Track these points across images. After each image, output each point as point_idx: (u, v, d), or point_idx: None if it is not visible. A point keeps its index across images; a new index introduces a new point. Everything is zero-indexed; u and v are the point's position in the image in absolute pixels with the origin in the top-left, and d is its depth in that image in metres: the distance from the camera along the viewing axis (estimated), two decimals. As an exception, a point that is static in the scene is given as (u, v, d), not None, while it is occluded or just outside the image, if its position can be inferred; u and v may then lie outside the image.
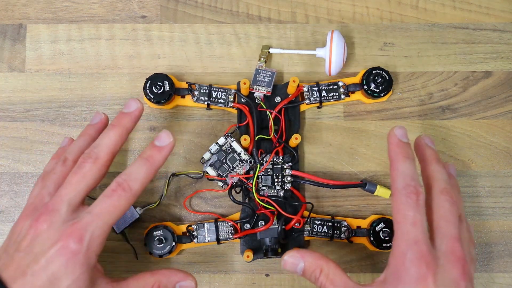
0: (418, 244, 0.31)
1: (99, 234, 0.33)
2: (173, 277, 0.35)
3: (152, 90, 0.44)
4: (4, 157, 0.45)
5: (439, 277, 0.30)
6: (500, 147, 0.46)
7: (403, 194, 0.32)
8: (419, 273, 0.30)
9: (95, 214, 0.33)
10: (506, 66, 0.47)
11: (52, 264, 0.31)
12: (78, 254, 0.32)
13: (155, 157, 0.35)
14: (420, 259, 0.31)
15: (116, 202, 0.33)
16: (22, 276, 0.31)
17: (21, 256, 0.32)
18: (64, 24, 0.47)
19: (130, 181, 0.34)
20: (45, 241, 0.32)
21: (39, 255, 0.32)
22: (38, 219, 0.33)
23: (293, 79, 0.43)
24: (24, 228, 0.34)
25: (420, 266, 0.31)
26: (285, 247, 0.43)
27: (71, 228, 0.32)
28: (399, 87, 0.47)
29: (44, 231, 0.33)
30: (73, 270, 0.31)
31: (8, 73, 0.47)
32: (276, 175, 0.43)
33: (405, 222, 0.32)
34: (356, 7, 0.48)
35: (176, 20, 0.47)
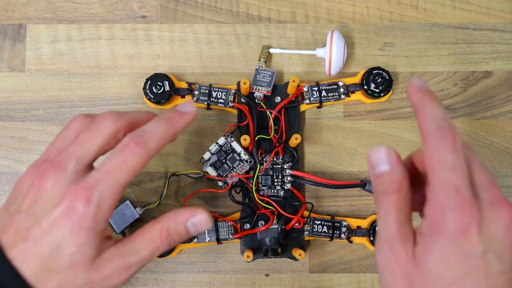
0: (460, 192, 0.26)
1: (109, 195, 0.29)
2: (180, 217, 0.31)
3: (152, 90, 0.44)
4: (4, 157, 0.45)
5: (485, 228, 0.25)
6: (500, 147, 0.46)
7: (437, 136, 0.26)
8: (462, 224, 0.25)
9: (104, 172, 0.29)
10: (506, 66, 0.47)
11: (56, 229, 0.28)
12: (85, 218, 0.28)
13: (175, 120, 0.32)
14: (464, 208, 0.25)
15: (129, 159, 0.29)
16: (22, 241, 0.28)
17: (22, 218, 0.29)
18: (64, 24, 0.47)
19: (146, 137, 0.30)
20: (48, 201, 0.29)
21: (42, 217, 0.28)
22: (41, 176, 0.29)
23: (293, 79, 0.43)
24: (27, 185, 0.30)
25: (464, 217, 0.25)
26: (285, 247, 0.43)
27: (78, 187, 0.28)
28: (399, 87, 0.47)
29: (47, 189, 0.29)
30: (79, 236, 0.28)
31: (8, 73, 0.47)
32: (276, 175, 0.43)
33: (442, 168, 0.26)
34: (356, 7, 0.48)
35: (176, 20, 0.47)
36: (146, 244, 0.30)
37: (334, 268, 0.45)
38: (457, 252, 0.25)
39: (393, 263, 0.27)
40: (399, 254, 0.26)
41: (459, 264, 0.25)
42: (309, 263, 0.45)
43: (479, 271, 0.25)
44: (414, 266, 0.26)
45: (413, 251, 0.26)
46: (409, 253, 0.26)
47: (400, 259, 0.26)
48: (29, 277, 0.28)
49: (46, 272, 0.28)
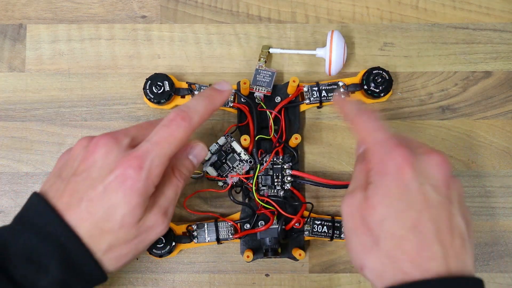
0: (389, 140, 0.31)
1: (158, 164, 0.32)
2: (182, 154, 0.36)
3: (152, 90, 0.44)
4: (4, 157, 0.45)
5: (418, 165, 0.30)
6: (500, 147, 0.46)
7: (355, 115, 0.33)
8: (397, 161, 0.30)
9: (154, 143, 0.32)
10: (506, 66, 0.47)
11: (110, 192, 0.31)
12: (138, 183, 0.31)
13: (214, 97, 0.35)
14: (395, 149, 0.31)
15: (175, 132, 0.32)
16: (77, 203, 0.31)
17: (77, 181, 0.32)
18: (64, 24, 0.47)
19: (190, 112, 0.33)
20: (103, 167, 0.31)
21: (97, 181, 0.31)
22: (97, 143, 0.32)
23: (293, 79, 0.43)
24: (81, 152, 0.33)
25: (398, 156, 0.30)
26: (285, 247, 0.43)
27: (130, 156, 0.31)
28: (399, 87, 0.47)
29: (102, 156, 0.32)
30: (131, 199, 0.31)
31: (8, 73, 0.47)
32: (276, 175, 0.43)
33: (369, 133, 0.32)
34: (356, 7, 0.48)
35: (176, 20, 0.47)
36: (167, 186, 0.34)
37: (334, 268, 0.45)
38: (398, 185, 0.30)
39: (351, 206, 0.32)
40: (356, 198, 0.32)
41: (401, 196, 0.30)
42: (309, 263, 0.45)
43: (420, 201, 0.29)
44: (366, 204, 0.31)
45: (366, 193, 0.31)
46: (363, 195, 0.31)
47: (356, 202, 0.31)
48: (84, 236, 0.31)
49: (100, 231, 0.31)
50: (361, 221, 0.31)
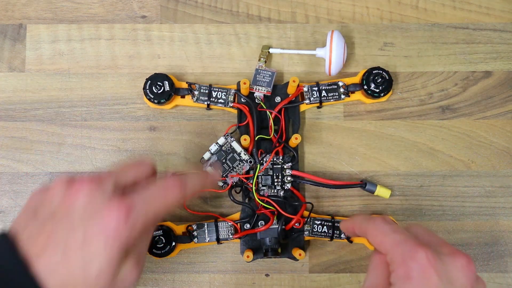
0: (408, 241, 0.31)
1: (144, 219, 0.30)
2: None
3: (152, 90, 0.44)
4: (4, 157, 0.45)
5: (443, 269, 0.30)
6: (500, 147, 0.46)
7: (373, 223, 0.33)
8: (422, 265, 0.30)
9: (145, 197, 0.31)
10: (506, 66, 0.47)
11: (91, 239, 0.28)
12: (122, 232, 0.28)
13: (206, 180, 0.37)
14: (417, 250, 0.30)
15: (169, 196, 0.32)
16: (53, 249, 0.28)
17: (56, 224, 0.29)
18: (64, 24, 0.47)
19: (187, 184, 0.33)
20: (86, 211, 0.29)
21: (77, 226, 0.28)
22: (81, 186, 0.29)
23: (293, 79, 0.43)
24: (61, 193, 0.30)
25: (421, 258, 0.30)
26: (285, 247, 0.43)
27: (119, 201, 0.29)
28: (399, 87, 0.47)
29: (85, 200, 0.29)
30: (111, 250, 0.28)
31: (8, 73, 0.47)
32: (276, 175, 0.43)
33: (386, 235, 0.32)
34: (356, 7, 0.48)
35: (176, 20, 0.47)
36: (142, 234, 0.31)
37: (334, 268, 0.45)
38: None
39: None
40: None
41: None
42: (309, 263, 0.45)
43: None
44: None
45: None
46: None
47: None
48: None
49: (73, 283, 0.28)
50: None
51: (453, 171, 0.46)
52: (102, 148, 0.45)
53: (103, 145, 0.46)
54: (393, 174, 0.45)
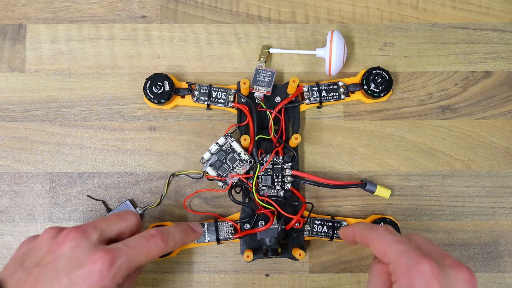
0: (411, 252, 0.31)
1: (127, 267, 0.32)
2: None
3: (152, 90, 0.44)
4: (4, 157, 0.45)
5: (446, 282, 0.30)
6: (500, 147, 0.46)
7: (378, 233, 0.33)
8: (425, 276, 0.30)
9: (129, 246, 0.33)
10: (506, 66, 0.47)
11: (75, 286, 0.30)
12: (105, 279, 0.31)
13: (189, 233, 0.39)
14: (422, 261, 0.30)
15: (152, 247, 0.34)
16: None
17: (42, 272, 0.30)
18: (64, 24, 0.47)
19: (168, 237, 0.35)
20: (71, 260, 0.31)
21: (62, 274, 0.30)
22: (67, 236, 0.32)
23: (293, 79, 0.43)
24: (48, 242, 0.32)
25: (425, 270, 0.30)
26: (285, 247, 0.43)
27: (103, 251, 0.31)
28: (399, 87, 0.47)
29: (70, 249, 0.31)
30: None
31: (8, 73, 0.47)
32: (276, 175, 0.43)
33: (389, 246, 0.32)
34: (356, 7, 0.48)
35: (176, 20, 0.47)
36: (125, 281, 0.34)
37: (334, 268, 0.45)
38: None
39: None
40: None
41: None
42: (309, 263, 0.45)
43: None
44: None
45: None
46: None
47: None
48: None
49: None
50: None
51: (453, 171, 0.46)
52: (102, 148, 0.45)
53: (103, 145, 0.46)
54: (393, 174, 0.45)
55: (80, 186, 0.45)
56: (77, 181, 0.45)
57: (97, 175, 0.45)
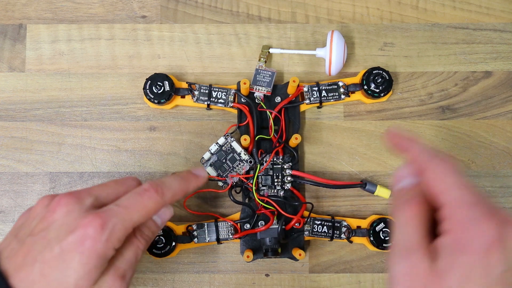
0: (479, 206, 0.26)
1: (121, 228, 0.30)
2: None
3: (152, 90, 0.44)
4: (4, 157, 0.45)
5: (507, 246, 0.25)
6: (500, 147, 0.46)
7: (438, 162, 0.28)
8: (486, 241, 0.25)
9: (122, 207, 0.31)
10: (506, 66, 0.47)
11: (67, 253, 0.29)
12: (97, 244, 0.29)
13: (190, 179, 0.36)
14: (487, 220, 0.25)
15: (146, 202, 0.32)
16: (31, 264, 0.29)
17: (34, 241, 0.30)
18: (64, 24, 0.47)
19: (163, 187, 0.33)
20: (62, 226, 0.30)
21: (54, 241, 0.29)
22: (58, 202, 0.31)
23: (293, 79, 0.43)
24: (41, 211, 0.31)
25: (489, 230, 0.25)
26: (285, 247, 0.43)
27: (94, 215, 0.30)
28: (399, 87, 0.47)
29: (62, 215, 0.30)
30: (88, 261, 0.29)
31: (8, 73, 0.47)
32: (276, 175, 0.43)
33: (454, 188, 0.27)
34: (356, 7, 0.48)
35: (176, 20, 0.47)
36: (127, 247, 0.32)
37: (334, 268, 0.45)
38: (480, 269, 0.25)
39: (413, 275, 0.26)
40: (420, 267, 0.26)
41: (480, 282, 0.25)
42: (309, 263, 0.45)
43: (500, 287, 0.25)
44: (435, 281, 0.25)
45: (435, 264, 0.26)
46: (430, 266, 0.26)
47: (421, 272, 0.26)
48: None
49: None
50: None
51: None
52: (102, 148, 0.45)
53: (103, 145, 0.46)
54: (393, 174, 0.45)
55: (80, 186, 0.45)
56: (77, 181, 0.45)
57: (97, 175, 0.45)
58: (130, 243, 0.32)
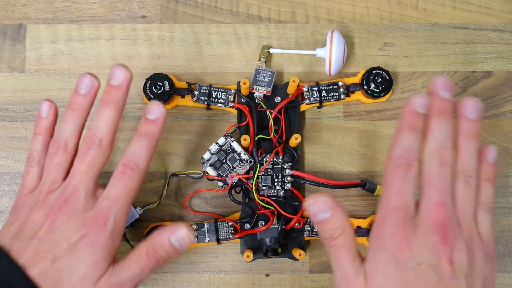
0: (397, 212, 0.31)
1: (121, 216, 0.33)
2: (164, 234, 0.33)
3: (152, 90, 0.44)
4: (4, 157, 0.45)
5: (416, 244, 0.30)
6: (500, 147, 0.46)
7: (394, 163, 0.31)
8: (396, 241, 0.30)
9: (113, 199, 0.33)
10: (506, 66, 0.47)
11: (75, 248, 0.32)
12: (102, 237, 0.32)
13: (152, 131, 0.35)
14: (397, 226, 0.30)
15: (129, 183, 0.34)
16: (42, 260, 0.31)
17: (40, 243, 0.32)
18: (64, 24, 0.47)
19: (135, 160, 0.34)
20: (66, 230, 0.32)
21: (61, 241, 0.32)
22: (59, 210, 0.33)
23: (293, 79, 0.43)
24: (39, 218, 0.33)
25: (397, 234, 0.30)
26: (285, 247, 0.43)
27: (94, 216, 0.33)
28: (399, 87, 0.47)
29: (64, 221, 0.32)
30: (96, 252, 0.32)
31: (8, 73, 0.47)
32: (276, 175, 0.43)
33: (389, 190, 0.31)
34: (356, 7, 0.48)
35: (176, 20, 0.47)
36: (135, 261, 0.33)
37: (334, 268, 0.44)
38: (395, 264, 0.30)
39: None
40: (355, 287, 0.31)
41: (398, 275, 0.30)
42: (309, 263, 0.45)
43: (417, 282, 0.29)
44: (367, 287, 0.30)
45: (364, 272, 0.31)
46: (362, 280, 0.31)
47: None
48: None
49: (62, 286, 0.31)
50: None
51: (453, 171, 0.45)
52: (102, 148, 0.45)
53: (103, 145, 0.45)
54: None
55: (80, 186, 0.45)
56: (77, 181, 0.45)
57: (97, 175, 0.45)
58: (139, 258, 0.33)
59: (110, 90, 0.35)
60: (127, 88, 0.35)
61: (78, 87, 0.36)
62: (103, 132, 0.34)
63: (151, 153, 0.35)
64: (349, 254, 0.31)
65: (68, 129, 0.36)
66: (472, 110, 0.33)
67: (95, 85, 0.36)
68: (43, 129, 0.37)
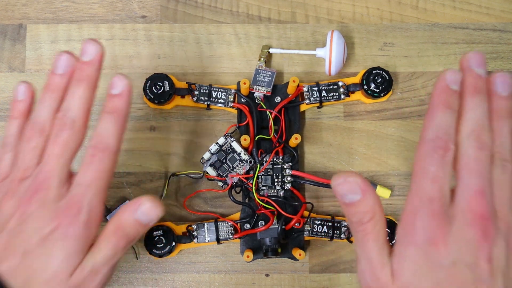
0: (432, 202, 0.27)
1: (96, 203, 0.30)
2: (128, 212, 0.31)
3: (152, 90, 0.44)
4: (4, 157, 0.45)
5: (452, 239, 0.26)
6: (500, 147, 0.46)
7: (429, 146, 0.28)
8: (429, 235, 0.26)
9: (86, 185, 0.30)
10: (506, 66, 0.47)
11: (48, 242, 0.29)
12: (76, 227, 0.29)
13: (118, 106, 0.32)
14: (432, 218, 0.27)
15: (101, 166, 0.31)
16: (12, 256, 0.29)
17: (10, 236, 0.30)
18: (64, 24, 0.47)
19: (105, 140, 0.31)
20: (38, 220, 0.30)
21: (33, 234, 0.29)
22: (30, 199, 0.30)
23: (293, 79, 0.43)
24: (9, 208, 0.31)
25: (431, 227, 0.26)
26: (285, 247, 0.43)
27: (66, 205, 0.30)
28: (399, 87, 0.47)
29: (35, 211, 0.30)
30: (68, 246, 0.29)
31: (8, 73, 0.47)
32: (276, 175, 0.43)
33: (423, 177, 0.28)
34: (356, 7, 0.48)
35: (176, 20, 0.47)
36: (106, 244, 0.31)
37: (334, 268, 0.45)
38: (427, 262, 0.26)
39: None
40: (380, 280, 0.27)
41: (429, 274, 0.26)
42: (309, 263, 0.45)
43: (450, 283, 0.26)
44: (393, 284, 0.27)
45: (391, 266, 0.27)
46: (388, 274, 0.27)
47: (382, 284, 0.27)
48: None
49: (33, 283, 0.29)
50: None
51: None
52: (102, 148, 0.45)
53: (103, 145, 0.45)
54: (393, 174, 0.45)
55: (80, 186, 0.45)
56: (77, 181, 0.45)
57: (97, 175, 0.45)
58: (108, 239, 0.31)
59: (82, 67, 0.33)
60: (100, 63, 0.33)
61: (55, 67, 0.33)
62: (75, 112, 0.32)
63: (121, 130, 0.32)
64: (378, 243, 0.28)
65: (45, 111, 0.33)
66: (503, 86, 0.30)
67: (73, 64, 0.33)
68: (20, 113, 0.35)
